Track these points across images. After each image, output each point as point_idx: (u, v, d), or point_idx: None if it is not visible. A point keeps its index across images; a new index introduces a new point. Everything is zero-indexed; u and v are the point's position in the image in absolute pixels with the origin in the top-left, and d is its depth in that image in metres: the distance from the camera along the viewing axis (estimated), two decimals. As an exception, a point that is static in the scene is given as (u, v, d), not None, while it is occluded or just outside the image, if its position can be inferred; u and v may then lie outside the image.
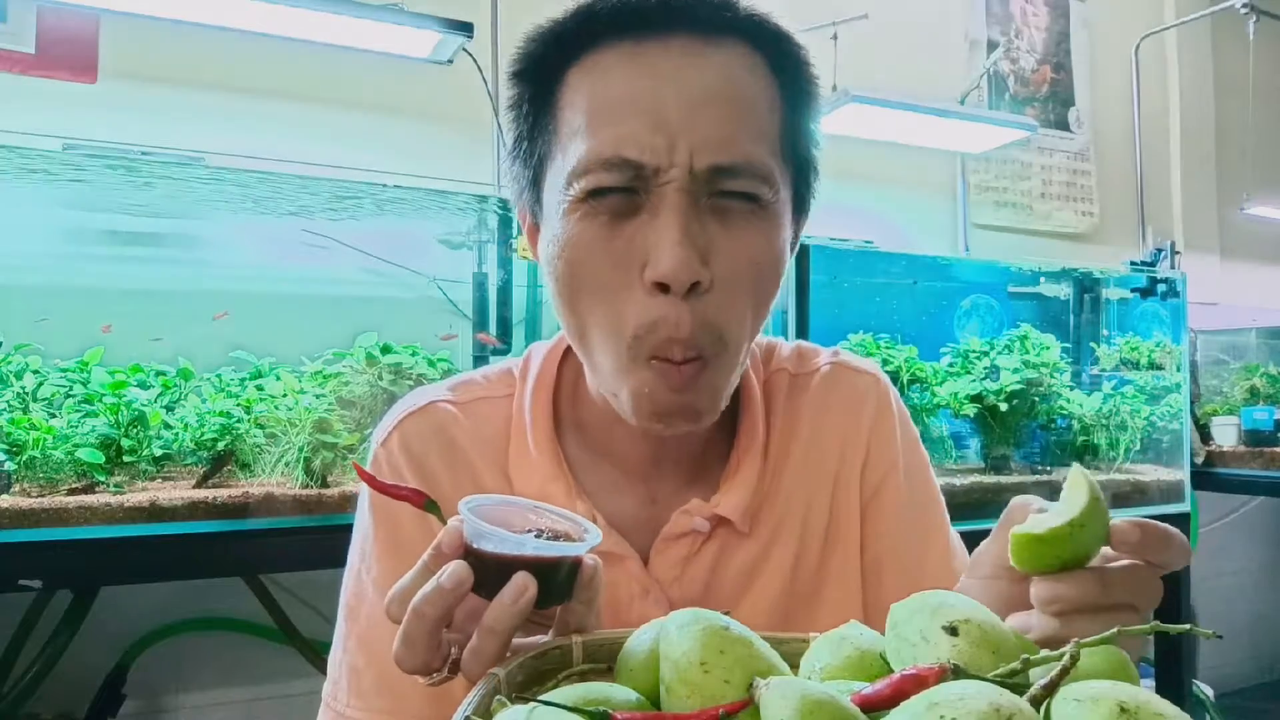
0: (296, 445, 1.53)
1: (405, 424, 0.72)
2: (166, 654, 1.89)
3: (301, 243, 2.01)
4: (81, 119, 1.93)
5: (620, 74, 0.59)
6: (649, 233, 0.58)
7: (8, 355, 1.54)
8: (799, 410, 0.76)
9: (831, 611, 0.72)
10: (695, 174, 0.58)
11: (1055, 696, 0.37)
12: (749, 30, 0.62)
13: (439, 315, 2.15)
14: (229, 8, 1.69)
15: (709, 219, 0.59)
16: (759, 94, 0.62)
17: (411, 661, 0.50)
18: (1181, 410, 2.41)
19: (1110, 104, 3.40)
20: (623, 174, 0.58)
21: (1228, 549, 3.44)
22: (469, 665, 0.49)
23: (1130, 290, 2.53)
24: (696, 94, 0.58)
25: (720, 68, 0.60)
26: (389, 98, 2.22)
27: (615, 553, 0.68)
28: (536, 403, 0.72)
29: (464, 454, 0.72)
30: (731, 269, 0.60)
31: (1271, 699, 3.50)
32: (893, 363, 2.03)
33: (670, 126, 0.58)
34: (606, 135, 0.58)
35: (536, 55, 0.63)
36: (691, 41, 0.60)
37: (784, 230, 0.64)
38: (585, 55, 0.61)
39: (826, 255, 1.97)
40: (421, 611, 0.49)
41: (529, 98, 0.64)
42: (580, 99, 0.60)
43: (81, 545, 1.35)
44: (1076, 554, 0.47)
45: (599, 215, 0.59)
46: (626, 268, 0.59)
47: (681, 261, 0.57)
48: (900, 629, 0.45)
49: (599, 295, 0.60)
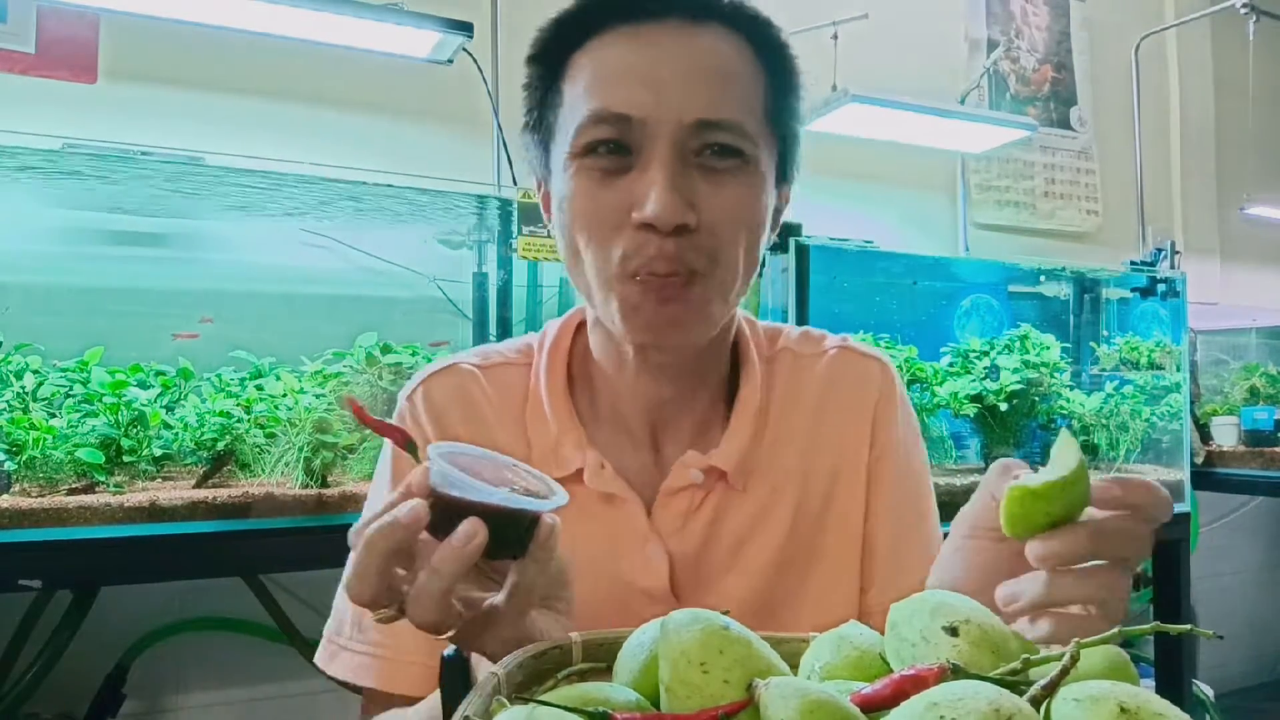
0: (296, 445, 1.53)
1: (430, 381, 0.79)
2: (166, 654, 1.89)
3: (301, 243, 2.01)
4: (81, 119, 1.93)
5: (617, 49, 0.67)
6: (639, 184, 0.65)
7: (8, 355, 1.54)
8: (802, 385, 0.81)
9: (826, 573, 0.77)
10: (683, 127, 0.64)
11: (1055, 697, 0.37)
12: (733, 16, 0.69)
13: (439, 315, 2.15)
14: (229, 8, 1.69)
15: (695, 174, 0.66)
16: (743, 68, 0.68)
17: (360, 592, 0.50)
18: (1181, 410, 2.41)
19: (1110, 104, 3.40)
20: (615, 127, 0.65)
21: (1228, 549, 3.44)
22: (412, 604, 0.50)
23: (1130, 290, 2.53)
24: (686, 63, 0.66)
25: (708, 44, 0.67)
26: (389, 98, 2.22)
27: (620, 496, 0.74)
28: (552, 365, 0.78)
29: (481, 411, 0.77)
30: (718, 216, 0.66)
31: (1271, 699, 3.50)
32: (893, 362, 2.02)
33: (660, 85, 0.65)
34: (603, 96, 0.65)
35: (546, 40, 0.71)
36: (682, 24, 0.67)
37: (767, 188, 0.70)
38: (589, 39, 0.68)
39: (826, 255, 1.97)
40: (373, 541, 0.49)
41: (540, 76, 0.71)
42: (582, 74, 0.67)
43: (81, 545, 1.34)
44: (1067, 510, 0.48)
45: (594, 171, 0.66)
46: (620, 212, 0.65)
47: (666, 204, 0.63)
48: (900, 629, 0.45)
49: (595, 234, 0.67)
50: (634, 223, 0.64)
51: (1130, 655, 0.46)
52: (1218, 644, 3.24)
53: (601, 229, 0.66)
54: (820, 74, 2.34)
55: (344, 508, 1.51)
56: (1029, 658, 0.41)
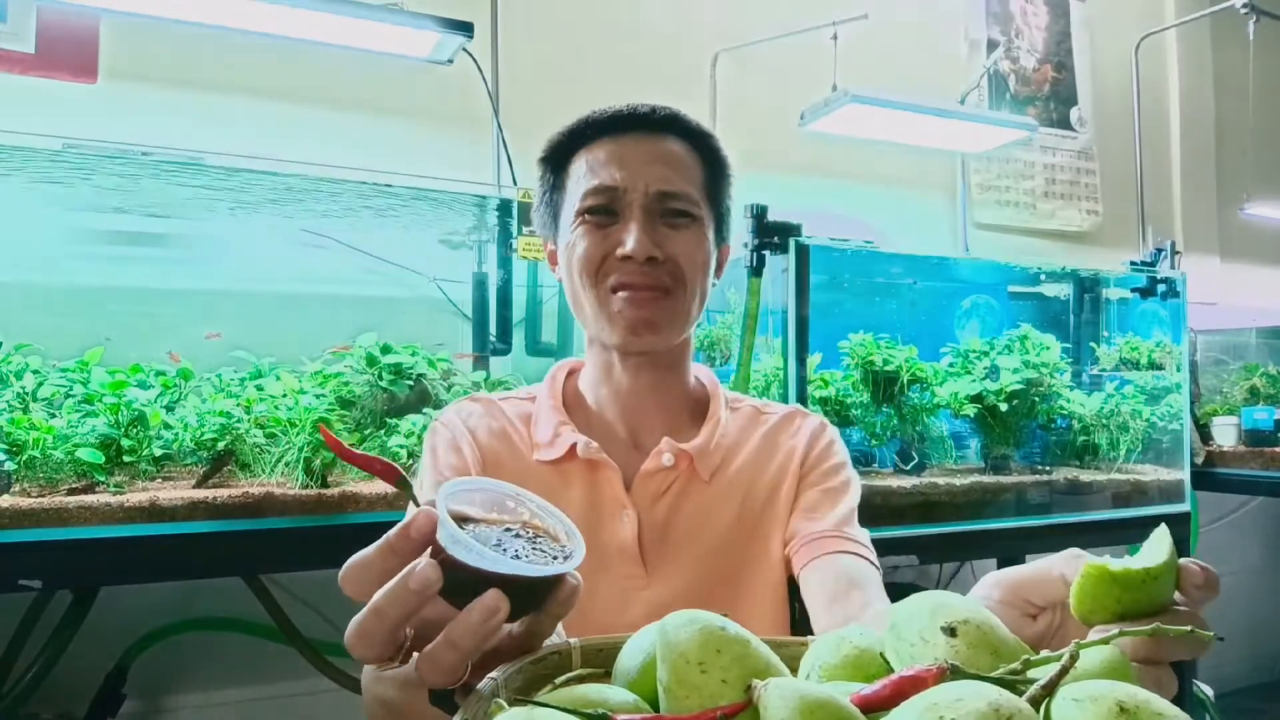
0: (296, 445, 1.53)
1: (457, 405, 1.05)
2: (166, 654, 1.90)
3: (301, 243, 2.01)
4: (81, 119, 1.93)
5: (605, 150, 0.97)
6: (622, 232, 0.94)
7: (8, 355, 1.54)
8: (757, 426, 1.07)
9: (757, 558, 0.99)
10: (649, 194, 0.95)
11: (1054, 696, 0.37)
12: (683, 130, 1.00)
13: (439, 315, 2.15)
14: (229, 8, 1.69)
15: (661, 227, 0.96)
16: (688, 161, 0.99)
17: (364, 653, 0.48)
18: (1181, 410, 2.41)
19: (1110, 104, 3.40)
20: (605, 195, 0.95)
21: (1228, 549, 3.44)
22: (424, 669, 0.47)
23: (1130, 290, 2.53)
24: (651, 155, 0.97)
25: (665, 145, 0.98)
26: (389, 98, 2.22)
27: (605, 464, 0.97)
28: (551, 392, 1.05)
29: (499, 421, 1.03)
30: (677, 254, 0.95)
31: (1271, 699, 3.50)
32: (893, 363, 2.02)
33: (634, 167, 0.95)
34: (597, 175, 0.96)
35: (556, 145, 1.00)
36: (650, 135, 0.98)
37: (709, 240, 0.99)
38: (585, 145, 0.98)
39: (826, 255, 1.97)
40: (381, 609, 0.46)
41: (551, 169, 1.01)
42: (582, 167, 0.98)
43: (81, 545, 1.35)
44: (1139, 604, 0.46)
45: (592, 226, 0.96)
46: (610, 252, 0.94)
47: (640, 241, 0.93)
48: (899, 629, 0.45)
49: (591, 267, 0.95)
50: (618, 256, 0.93)
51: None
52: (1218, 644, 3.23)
53: (596, 263, 0.95)
54: (820, 74, 2.34)
55: (344, 508, 1.51)
56: (1028, 658, 0.41)
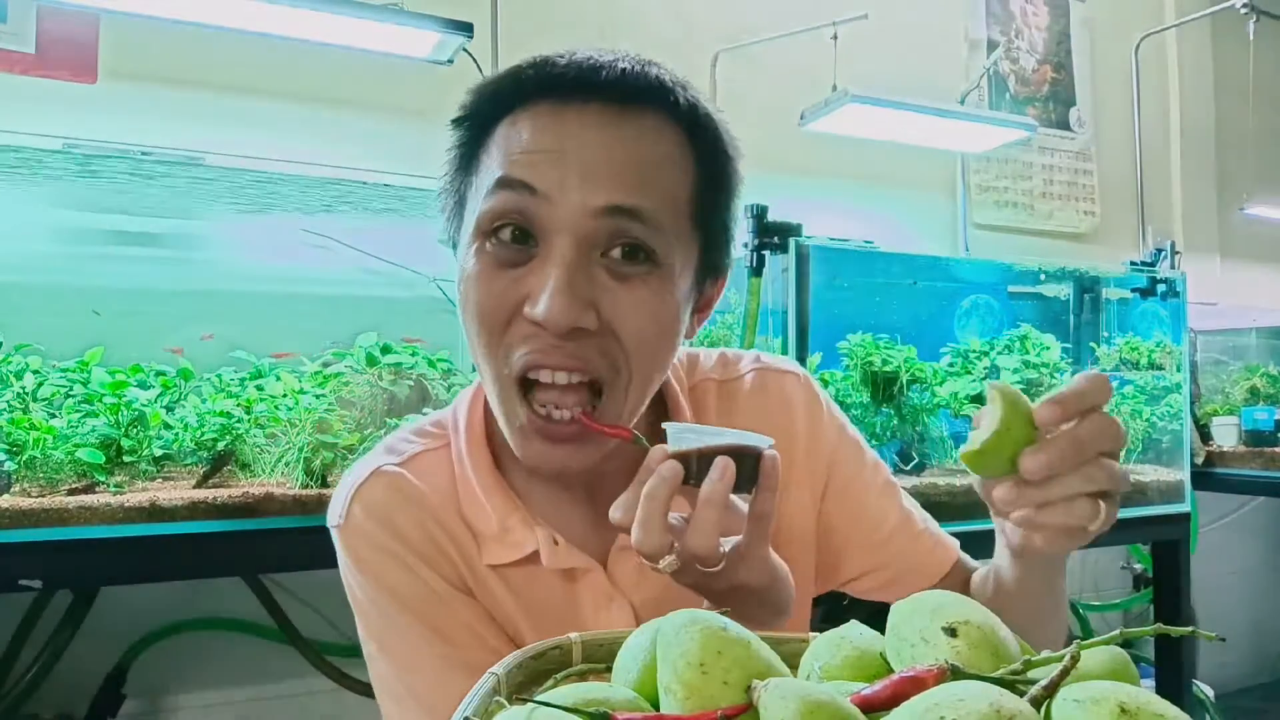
0: (296, 445, 1.53)
1: (360, 495, 0.73)
2: (166, 654, 1.89)
3: (301, 243, 2.01)
4: (81, 119, 1.93)
5: (537, 124, 0.63)
6: (536, 277, 0.62)
7: (8, 355, 1.54)
8: (733, 418, 0.80)
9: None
10: (588, 211, 0.61)
11: (1055, 697, 0.37)
12: (663, 100, 0.65)
13: (439, 315, 2.15)
14: (229, 8, 1.69)
15: (600, 272, 0.63)
16: (667, 157, 0.65)
17: (649, 543, 0.58)
18: (1181, 410, 2.41)
19: (1110, 104, 3.40)
20: (518, 197, 0.62)
21: (1228, 549, 3.44)
22: (694, 538, 0.59)
23: (1130, 290, 2.53)
24: (599, 149, 0.62)
25: (632, 131, 0.64)
26: (389, 98, 2.22)
27: (580, 567, 0.73)
28: (472, 449, 0.74)
29: (421, 504, 0.73)
30: (623, 321, 0.63)
31: (1271, 699, 3.49)
32: (892, 363, 2.02)
33: (568, 163, 0.61)
34: (511, 165, 0.63)
35: (473, 107, 0.68)
36: (607, 109, 0.63)
37: (677, 290, 0.66)
38: (512, 111, 0.65)
39: (826, 255, 1.97)
40: (653, 494, 0.58)
41: (462, 142, 0.69)
42: (498, 147, 0.65)
43: (81, 545, 1.34)
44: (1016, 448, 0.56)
45: (494, 257, 0.64)
46: (513, 305, 0.63)
47: (557, 306, 0.60)
48: (900, 629, 0.45)
49: (485, 324, 0.64)
50: (527, 318, 0.61)
51: (1130, 655, 0.45)
52: (1218, 644, 3.24)
53: (494, 320, 0.64)
54: (820, 74, 2.34)
55: (344, 508, 1.51)
56: (1029, 659, 0.41)
